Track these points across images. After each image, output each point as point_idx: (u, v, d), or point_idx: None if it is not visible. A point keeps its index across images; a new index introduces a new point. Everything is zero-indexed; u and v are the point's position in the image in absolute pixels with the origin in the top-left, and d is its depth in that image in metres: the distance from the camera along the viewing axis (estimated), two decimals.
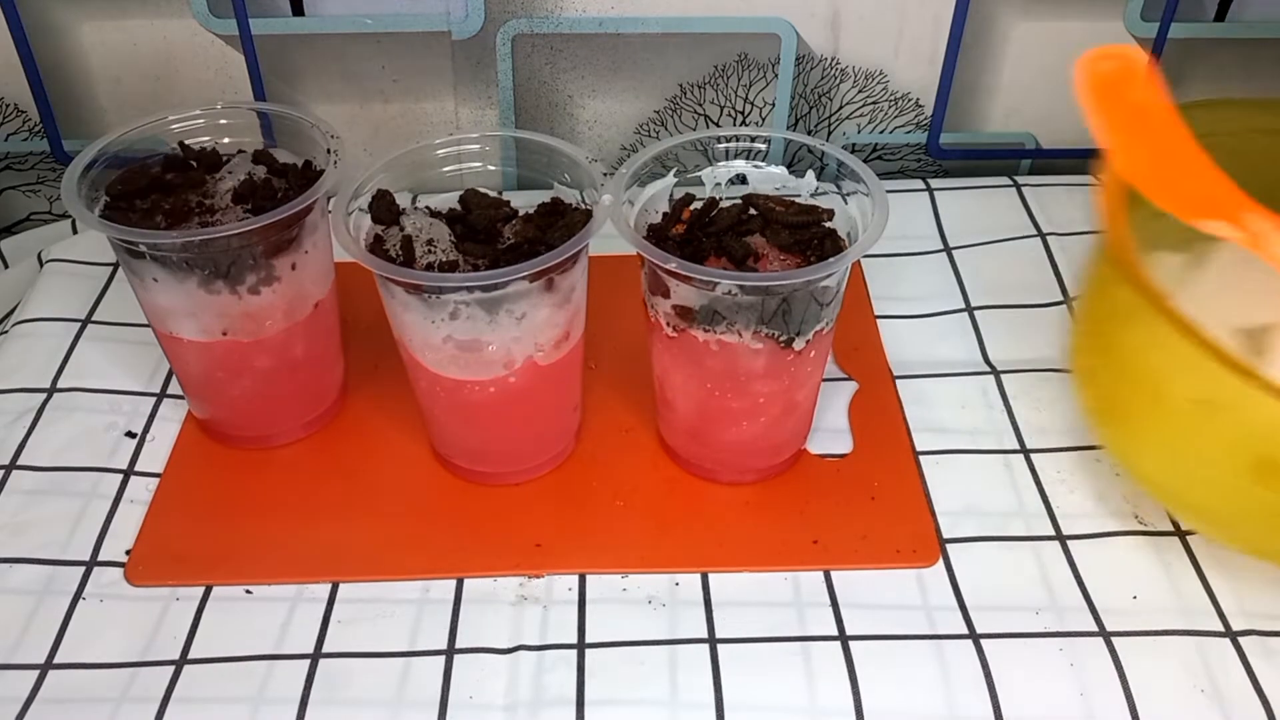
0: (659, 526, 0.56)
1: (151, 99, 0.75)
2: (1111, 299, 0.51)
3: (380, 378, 0.63)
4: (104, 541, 0.55)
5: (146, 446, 0.60)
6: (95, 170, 0.54)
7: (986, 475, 0.58)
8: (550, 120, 0.78)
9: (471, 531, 0.55)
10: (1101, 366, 0.53)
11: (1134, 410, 0.51)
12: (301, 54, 0.74)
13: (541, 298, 0.51)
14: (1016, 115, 0.80)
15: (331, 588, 0.53)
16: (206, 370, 0.57)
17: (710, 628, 0.51)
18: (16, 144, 0.77)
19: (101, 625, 0.51)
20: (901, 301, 0.69)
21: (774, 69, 0.76)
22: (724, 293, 0.49)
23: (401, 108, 0.77)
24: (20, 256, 0.75)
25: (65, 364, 0.64)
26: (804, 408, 0.57)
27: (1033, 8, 0.75)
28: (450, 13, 0.73)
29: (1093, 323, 0.54)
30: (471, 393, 0.53)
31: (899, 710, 0.48)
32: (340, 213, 0.51)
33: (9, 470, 0.58)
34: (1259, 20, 0.76)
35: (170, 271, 0.52)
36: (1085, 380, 0.54)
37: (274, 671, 0.49)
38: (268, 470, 0.59)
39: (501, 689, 0.49)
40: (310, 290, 0.57)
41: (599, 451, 0.60)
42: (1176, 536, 0.55)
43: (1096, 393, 0.54)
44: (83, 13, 0.72)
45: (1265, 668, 0.49)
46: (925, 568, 0.54)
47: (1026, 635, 0.50)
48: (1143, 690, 0.48)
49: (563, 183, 0.55)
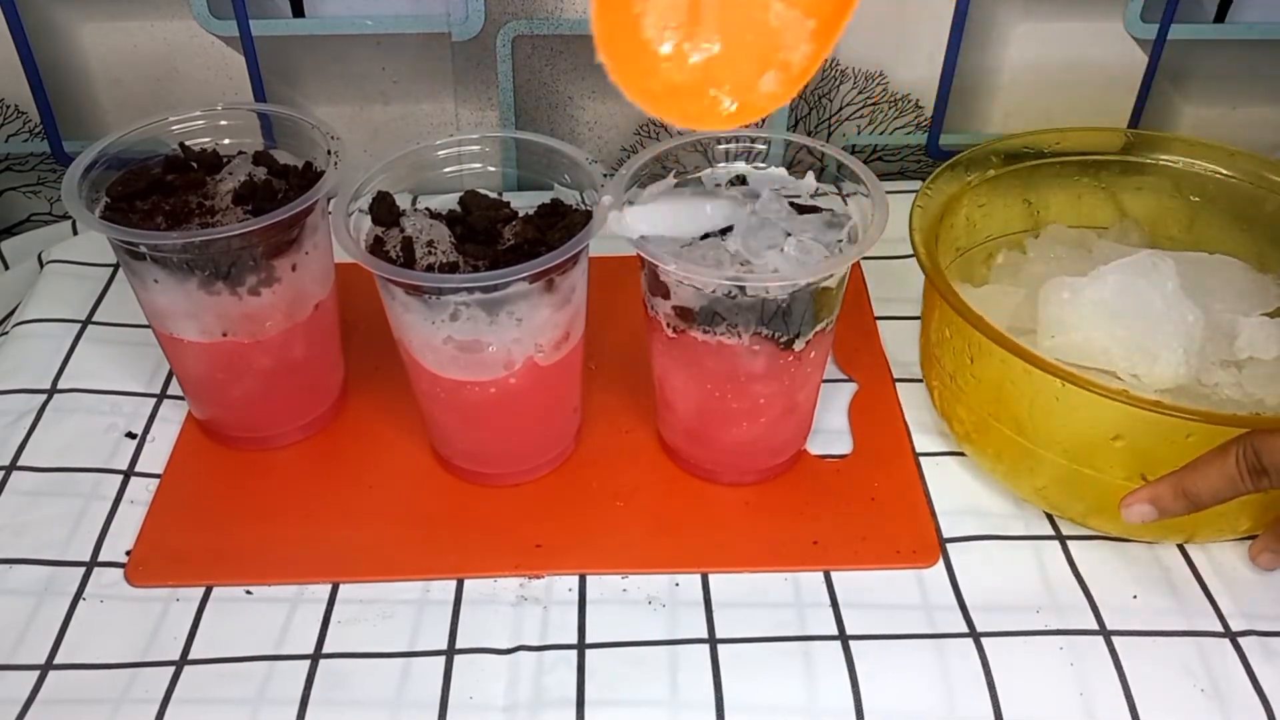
0: (659, 527, 0.56)
1: (152, 100, 0.75)
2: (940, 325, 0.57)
3: (380, 378, 0.63)
4: (104, 542, 0.55)
5: (147, 447, 0.60)
6: (96, 171, 0.54)
7: (986, 475, 0.58)
8: (550, 121, 0.78)
9: (471, 532, 0.55)
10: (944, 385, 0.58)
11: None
12: (301, 55, 0.74)
13: (541, 299, 0.51)
14: (1016, 115, 0.80)
15: (332, 588, 0.53)
16: (207, 371, 0.57)
17: (710, 628, 0.51)
18: (17, 145, 0.78)
19: (101, 626, 0.51)
20: (901, 302, 0.69)
21: None
22: (724, 294, 0.49)
23: (402, 109, 0.77)
24: (21, 257, 0.75)
25: (65, 365, 0.64)
26: (804, 409, 0.57)
27: (1033, 8, 0.75)
28: (450, 14, 0.73)
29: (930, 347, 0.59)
30: (472, 393, 0.53)
31: (899, 710, 0.48)
32: (340, 214, 0.51)
33: (9, 471, 0.58)
34: (1259, 21, 0.76)
35: (170, 272, 0.52)
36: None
37: (274, 672, 0.49)
38: (268, 471, 0.59)
39: (501, 689, 0.49)
40: (310, 291, 0.57)
41: (599, 452, 0.60)
42: None
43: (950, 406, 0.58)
44: (83, 14, 0.72)
45: (1265, 668, 0.49)
46: (925, 568, 0.54)
47: (1026, 634, 0.50)
48: (1143, 690, 0.48)
49: (563, 184, 0.55)
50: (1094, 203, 0.65)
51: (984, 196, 0.62)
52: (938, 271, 0.54)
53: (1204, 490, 0.47)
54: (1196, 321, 0.55)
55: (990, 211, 0.63)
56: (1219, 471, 0.47)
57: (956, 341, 0.55)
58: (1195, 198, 0.63)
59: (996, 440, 0.54)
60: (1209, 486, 0.47)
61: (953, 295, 0.52)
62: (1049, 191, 0.65)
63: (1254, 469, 0.46)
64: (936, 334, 0.57)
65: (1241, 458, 0.46)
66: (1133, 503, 0.49)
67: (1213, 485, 0.47)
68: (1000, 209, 0.63)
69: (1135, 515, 0.49)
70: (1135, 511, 0.49)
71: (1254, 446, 0.46)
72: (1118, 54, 0.77)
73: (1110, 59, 0.77)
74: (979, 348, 0.53)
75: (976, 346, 0.53)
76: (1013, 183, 0.63)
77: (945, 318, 0.55)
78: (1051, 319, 0.57)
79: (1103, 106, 0.79)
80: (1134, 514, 0.49)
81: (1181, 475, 0.48)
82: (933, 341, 0.58)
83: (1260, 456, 0.45)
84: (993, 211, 0.63)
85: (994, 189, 0.63)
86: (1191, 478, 0.47)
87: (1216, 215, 0.63)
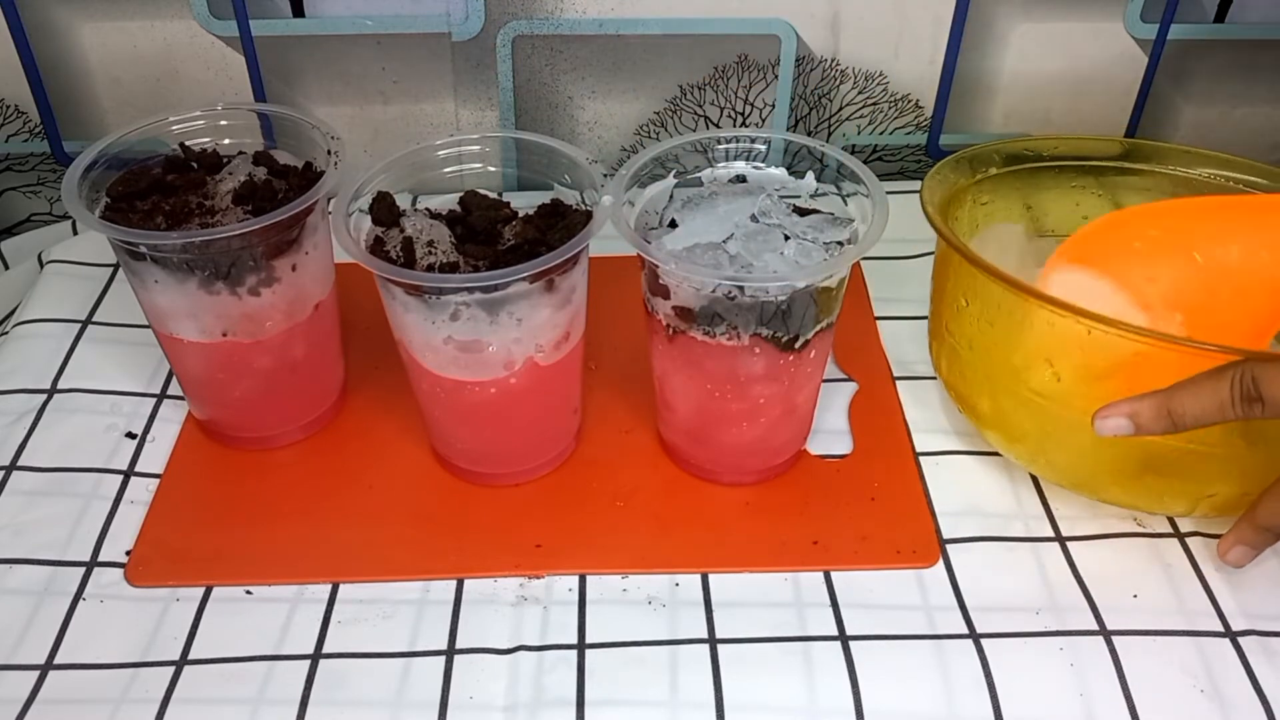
0: (659, 527, 0.56)
1: (152, 100, 0.75)
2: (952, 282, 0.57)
3: (380, 378, 0.63)
4: (104, 542, 0.55)
5: (147, 447, 0.60)
6: (96, 171, 0.54)
7: (986, 476, 0.58)
8: (550, 121, 0.78)
9: (471, 532, 0.55)
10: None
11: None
12: (301, 55, 0.74)
13: (542, 299, 0.51)
14: (1016, 115, 0.80)
15: (332, 588, 0.53)
16: (207, 371, 0.57)
17: (710, 628, 0.51)
18: (17, 145, 0.78)
19: (102, 626, 0.51)
20: (901, 302, 0.69)
21: (774, 70, 0.76)
22: (724, 294, 0.49)
23: (401, 109, 0.77)
24: (21, 257, 0.75)
25: (65, 365, 0.64)
26: (804, 409, 0.57)
27: (1033, 8, 0.75)
28: (450, 14, 0.73)
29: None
30: (472, 393, 0.53)
31: (899, 710, 0.48)
32: (341, 214, 0.51)
33: (9, 471, 0.58)
34: (1259, 21, 0.76)
35: (170, 272, 0.52)
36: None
37: (274, 672, 0.49)
38: (268, 471, 0.59)
39: (501, 689, 0.49)
40: (310, 291, 0.57)
41: (599, 452, 0.60)
42: (1175, 538, 0.55)
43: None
44: (83, 14, 0.72)
45: (1265, 668, 0.49)
46: (925, 568, 0.54)
47: (1026, 635, 0.51)
48: (1143, 690, 0.48)
49: (563, 184, 0.55)
50: (1092, 207, 0.65)
51: (987, 194, 0.62)
52: (953, 234, 0.54)
53: (1190, 410, 0.45)
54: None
55: (992, 211, 0.63)
56: (1211, 393, 0.45)
57: (974, 308, 0.54)
58: None
59: (1019, 411, 0.53)
60: (1197, 407, 0.45)
61: (969, 252, 0.52)
62: (1048, 195, 0.65)
63: (1248, 395, 0.44)
64: (950, 307, 0.56)
65: (1238, 381, 0.44)
66: (1109, 414, 0.47)
67: (1201, 406, 0.45)
68: (1001, 208, 0.63)
69: (1109, 428, 0.47)
70: (1110, 424, 0.47)
71: (1254, 373, 0.44)
72: (1118, 54, 0.77)
73: (1110, 59, 0.77)
74: (999, 308, 0.52)
75: (996, 306, 0.52)
76: (1014, 183, 0.63)
77: (961, 285, 0.55)
78: None
79: (1102, 106, 0.79)
80: (1108, 426, 0.47)
81: (1170, 393, 0.46)
82: (946, 317, 0.57)
83: (1259, 384, 0.44)
84: (994, 211, 0.63)
85: (996, 187, 0.63)
86: (1180, 396, 0.46)
87: None
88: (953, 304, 0.57)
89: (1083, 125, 0.80)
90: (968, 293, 0.55)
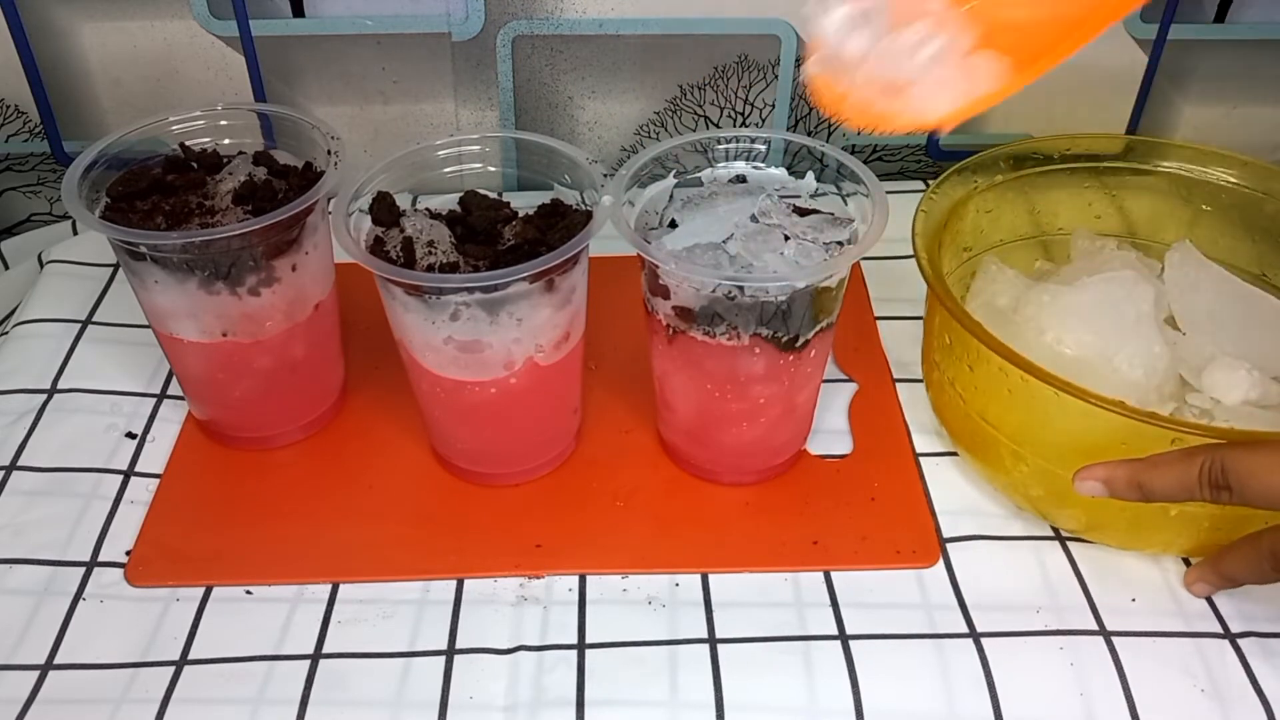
0: (659, 527, 0.56)
1: (152, 100, 0.75)
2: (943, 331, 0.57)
3: (380, 378, 0.63)
4: (104, 542, 0.55)
5: (147, 447, 0.60)
6: (96, 171, 0.54)
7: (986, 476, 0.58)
8: (550, 121, 0.78)
9: (471, 532, 0.55)
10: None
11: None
12: (301, 55, 0.74)
13: (542, 299, 0.51)
14: (1016, 115, 0.80)
15: (332, 588, 0.53)
16: (207, 371, 0.57)
17: (710, 628, 0.51)
18: (17, 145, 0.78)
19: (101, 626, 0.51)
20: (901, 302, 0.69)
21: (774, 70, 0.76)
22: (724, 294, 0.49)
23: (401, 109, 0.77)
24: (21, 257, 0.75)
25: (65, 365, 0.64)
26: (804, 409, 0.57)
27: None
28: (450, 14, 0.73)
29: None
30: (472, 393, 0.53)
31: (899, 710, 0.48)
32: (341, 214, 0.51)
33: (9, 471, 0.58)
34: (1259, 21, 0.76)
35: (170, 272, 0.52)
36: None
37: (274, 672, 0.49)
38: (268, 471, 0.59)
39: (501, 689, 0.49)
40: (310, 291, 0.57)
41: (599, 452, 0.60)
42: None
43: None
44: (83, 14, 0.72)
45: (1265, 668, 0.49)
46: (925, 568, 0.54)
47: (1026, 634, 0.51)
48: (1142, 690, 0.48)
49: (563, 184, 0.55)
50: (1100, 208, 0.64)
51: (991, 202, 0.62)
52: (939, 279, 0.54)
53: (1158, 487, 0.47)
54: (1161, 355, 0.55)
55: (997, 218, 0.63)
56: (1179, 476, 0.46)
57: (957, 348, 0.55)
58: (1207, 207, 0.63)
59: (993, 448, 0.54)
60: (1164, 485, 0.47)
61: (952, 302, 0.52)
62: (1055, 197, 0.64)
63: (1216, 483, 0.45)
64: (938, 339, 0.57)
65: (1206, 469, 0.46)
66: (1087, 477, 0.49)
67: (1168, 486, 0.47)
68: (1007, 215, 0.63)
69: (1086, 490, 0.49)
70: (1087, 486, 0.49)
71: (1222, 462, 0.45)
72: (1118, 54, 0.77)
73: (1110, 59, 0.77)
74: (978, 355, 0.52)
75: (975, 354, 0.53)
76: (1020, 188, 0.63)
77: (945, 324, 0.55)
78: (1028, 321, 0.57)
79: (1103, 106, 0.79)
80: (1086, 487, 0.49)
81: (1141, 466, 0.48)
82: (933, 347, 0.58)
83: (1226, 474, 0.45)
84: (999, 218, 0.63)
85: (1001, 195, 0.62)
86: (1150, 472, 0.47)
87: (1219, 221, 0.63)
88: (939, 338, 0.57)
89: (1083, 125, 0.80)
90: (950, 332, 0.55)
